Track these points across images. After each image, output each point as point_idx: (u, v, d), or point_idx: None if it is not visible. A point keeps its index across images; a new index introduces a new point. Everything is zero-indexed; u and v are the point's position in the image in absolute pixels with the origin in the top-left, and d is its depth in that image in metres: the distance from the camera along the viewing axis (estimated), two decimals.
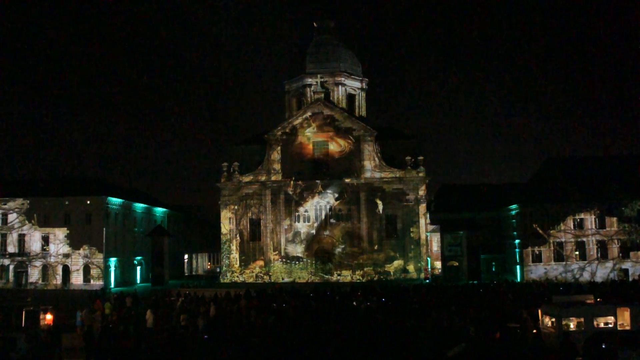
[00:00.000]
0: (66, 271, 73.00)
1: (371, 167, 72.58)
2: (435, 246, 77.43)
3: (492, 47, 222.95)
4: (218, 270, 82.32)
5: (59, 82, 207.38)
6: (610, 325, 24.94)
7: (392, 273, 70.16)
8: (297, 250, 71.59)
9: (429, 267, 72.73)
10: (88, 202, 73.14)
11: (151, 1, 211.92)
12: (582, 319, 24.81)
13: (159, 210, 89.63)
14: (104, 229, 73.02)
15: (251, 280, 70.14)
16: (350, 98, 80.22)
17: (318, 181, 72.11)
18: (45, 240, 73.64)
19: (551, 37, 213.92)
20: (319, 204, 72.21)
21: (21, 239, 73.98)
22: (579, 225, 68.77)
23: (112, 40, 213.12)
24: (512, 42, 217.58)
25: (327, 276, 69.67)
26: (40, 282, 72.30)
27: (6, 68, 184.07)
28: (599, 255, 68.02)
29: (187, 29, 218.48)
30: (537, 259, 68.95)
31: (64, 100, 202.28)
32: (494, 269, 74.24)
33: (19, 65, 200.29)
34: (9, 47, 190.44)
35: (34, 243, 73.64)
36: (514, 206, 71.85)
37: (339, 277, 68.99)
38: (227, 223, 73.18)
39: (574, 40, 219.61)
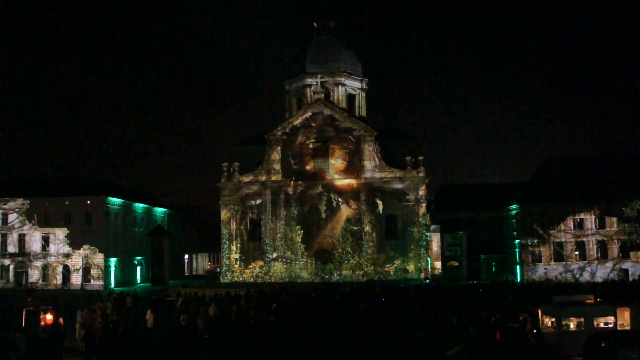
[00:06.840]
0: (66, 271, 73.01)
1: (371, 167, 72.51)
2: (435, 246, 77.38)
3: (492, 46, 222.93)
4: (218, 270, 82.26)
5: (59, 82, 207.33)
6: (610, 325, 24.92)
7: (392, 273, 70.10)
8: (297, 250, 71.47)
9: (429, 267, 72.68)
10: (88, 202, 73.17)
11: (151, 1, 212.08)
12: (582, 319, 24.79)
13: (159, 210, 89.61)
14: (104, 229, 73.03)
15: (251, 280, 70.04)
16: (350, 98, 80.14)
17: (318, 181, 72.10)
18: (46, 240, 73.65)
19: (551, 37, 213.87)
20: (319, 203, 72.13)
21: (21, 239, 74.02)
22: (579, 225, 68.74)
23: (112, 39, 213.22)
24: (512, 41, 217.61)
25: (327, 276, 69.61)
26: (40, 282, 72.28)
27: (6, 68, 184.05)
28: (599, 255, 68.00)
29: (187, 29, 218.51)
30: (537, 259, 68.90)
31: (64, 100, 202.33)
32: (494, 269, 74.19)
33: (19, 65, 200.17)
34: (9, 47, 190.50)
35: (34, 243, 73.66)
36: (514, 206, 71.79)
37: (339, 277, 68.92)
38: (227, 223, 73.13)
39: (574, 39, 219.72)
